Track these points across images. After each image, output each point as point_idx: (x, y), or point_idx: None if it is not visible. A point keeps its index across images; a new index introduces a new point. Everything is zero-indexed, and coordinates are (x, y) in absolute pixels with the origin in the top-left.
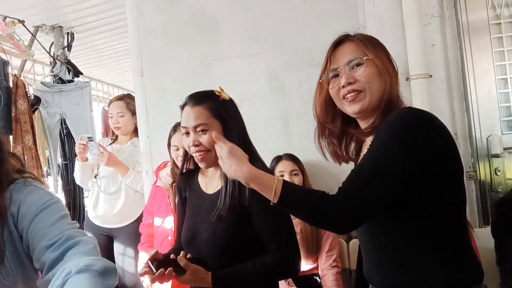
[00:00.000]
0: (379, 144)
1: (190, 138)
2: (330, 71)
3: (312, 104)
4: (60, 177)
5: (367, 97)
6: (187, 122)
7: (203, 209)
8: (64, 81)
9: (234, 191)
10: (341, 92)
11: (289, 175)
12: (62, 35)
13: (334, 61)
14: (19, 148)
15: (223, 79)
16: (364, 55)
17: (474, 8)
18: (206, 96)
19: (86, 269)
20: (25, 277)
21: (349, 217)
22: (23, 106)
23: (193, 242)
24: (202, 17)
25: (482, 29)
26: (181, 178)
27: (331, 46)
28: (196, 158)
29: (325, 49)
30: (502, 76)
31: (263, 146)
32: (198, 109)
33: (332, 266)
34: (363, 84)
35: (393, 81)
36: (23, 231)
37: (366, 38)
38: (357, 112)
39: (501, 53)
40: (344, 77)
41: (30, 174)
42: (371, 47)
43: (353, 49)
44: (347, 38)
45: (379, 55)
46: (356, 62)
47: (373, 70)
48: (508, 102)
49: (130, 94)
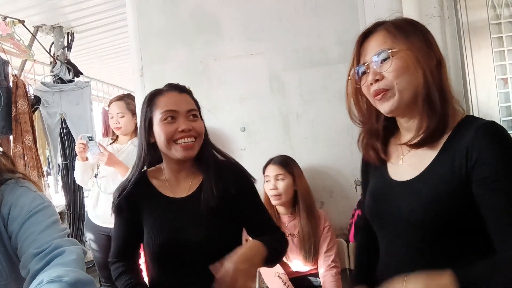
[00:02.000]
0: (506, 181)
1: (180, 123)
2: (358, 67)
3: (312, 104)
4: (60, 177)
5: (396, 95)
6: (177, 106)
7: (179, 214)
8: (64, 81)
9: (217, 184)
10: (370, 90)
11: (274, 179)
12: (62, 35)
13: (362, 55)
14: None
15: (223, 79)
16: (391, 47)
17: (474, 8)
18: (184, 87)
19: (56, 280)
20: (17, 277)
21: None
22: (23, 106)
23: (174, 249)
24: (202, 17)
25: (482, 29)
26: (127, 192)
27: (359, 38)
28: (182, 145)
29: (325, 49)
30: (502, 76)
31: (263, 146)
32: (187, 96)
33: (331, 266)
34: (391, 81)
35: (433, 73)
36: (12, 234)
37: (398, 25)
38: (388, 112)
39: (501, 53)
40: (370, 73)
41: (21, 174)
42: (403, 36)
43: (382, 40)
44: (377, 27)
45: (412, 44)
46: (383, 55)
47: (402, 64)
48: (508, 102)
49: (130, 94)
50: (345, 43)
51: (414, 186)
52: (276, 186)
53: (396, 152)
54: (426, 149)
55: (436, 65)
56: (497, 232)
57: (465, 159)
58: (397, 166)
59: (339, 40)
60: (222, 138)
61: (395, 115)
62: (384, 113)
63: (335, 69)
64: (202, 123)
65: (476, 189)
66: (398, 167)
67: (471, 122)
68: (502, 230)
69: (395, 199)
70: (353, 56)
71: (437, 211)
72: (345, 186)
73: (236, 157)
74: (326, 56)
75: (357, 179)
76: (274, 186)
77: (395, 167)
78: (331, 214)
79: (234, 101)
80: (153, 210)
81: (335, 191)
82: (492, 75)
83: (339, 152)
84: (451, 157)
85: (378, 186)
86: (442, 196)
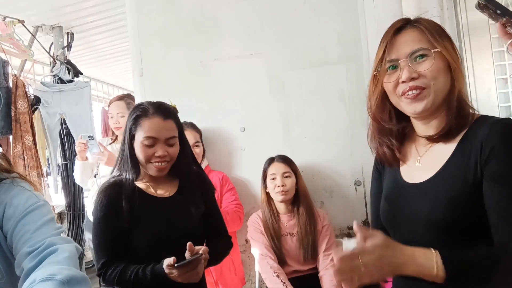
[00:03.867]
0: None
1: (158, 149)
2: (387, 61)
3: (312, 104)
4: (60, 177)
5: (431, 95)
6: (158, 133)
7: (168, 210)
8: (64, 81)
9: (201, 181)
10: (399, 88)
11: (281, 177)
12: (62, 35)
13: (393, 50)
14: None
15: (223, 79)
16: (431, 46)
17: (474, 8)
18: (171, 109)
19: (49, 278)
20: (14, 276)
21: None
22: (23, 106)
23: (165, 243)
24: (202, 17)
25: (482, 29)
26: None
27: (389, 32)
28: (156, 167)
29: (325, 49)
30: (502, 76)
31: (263, 146)
32: (170, 123)
33: (330, 265)
34: (428, 80)
35: (461, 78)
36: (7, 233)
37: (433, 25)
38: (419, 112)
39: (501, 53)
40: (405, 70)
41: (17, 174)
42: (439, 37)
43: (416, 38)
44: (410, 24)
45: (447, 46)
46: (421, 54)
47: (441, 65)
48: (508, 102)
49: (130, 94)
50: (345, 43)
51: (431, 187)
52: (284, 183)
53: (411, 154)
54: (442, 146)
55: (460, 70)
56: (497, 226)
57: (480, 154)
58: (413, 168)
59: (339, 40)
60: (222, 138)
61: (422, 116)
62: (412, 113)
63: (335, 69)
64: (177, 148)
65: (485, 183)
66: (413, 168)
67: (486, 119)
68: (503, 224)
69: (412, 200)
70: (379, 52)
71: (454, 211)
72: (345, 186)
73: (236, 157)
74: (326, 56)
75: (357, 179)
76: (283, 183)
77: (410, 169)
78: (331, 214)
79: (234, 101)
80: (144, 207)
81: (335, 191)
82: (492, 75)
83: (339, 152)
84: (467, 153)
85: (393, 190)
86: (459, 196)
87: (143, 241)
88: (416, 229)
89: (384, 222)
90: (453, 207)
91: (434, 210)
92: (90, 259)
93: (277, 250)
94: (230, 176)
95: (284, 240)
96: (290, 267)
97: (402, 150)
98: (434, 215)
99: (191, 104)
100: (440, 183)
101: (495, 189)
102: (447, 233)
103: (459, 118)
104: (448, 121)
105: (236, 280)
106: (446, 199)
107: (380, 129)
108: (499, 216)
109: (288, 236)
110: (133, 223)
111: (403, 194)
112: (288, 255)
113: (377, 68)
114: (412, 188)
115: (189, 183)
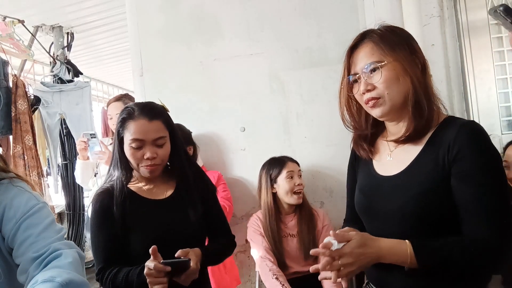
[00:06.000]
0: (484, 174)
1: (146, 151)
2: (349, 76)
3: (312, 104)
4: (60, 177)
5: (387, 103)
6: (145, 135)
7: (165, 212)
8: (64, 81)
9: (199, 180)
10: (363, 98)
11: (297, 175)
12: (62, 35)
13: (353, 65)
14: (19, 148)
15: (223, 79)
16: (380, 60)
17: (474, 8)
18: (158, 109)
19: (49, 280)
20: (12, 277)
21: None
22: (23, 106)
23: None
24: (202, 17)
25: (482, 29)
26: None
27: (347, 51)
28: (146, 169)
29: (325, 49)
30: (502, 76)
31: (263, 146)
32: (157, 123)
33: None
34: (382, 90)
35: (419, 80)
36: (7, 235)
37: (384, 36)
38: (380, 116)
39: (501, 53)
40: (362, 83)
41: (15, 174)
42: (389, 48)
43: (369, 52)
44: (364, 38)
45: (398, 55)
46: (372, 68)
47: (391, 75)
48: (508, 102)
49: (128, 94)
50: (345, 43)
51: (402, 180)
52: (301, 182)
53: (384, 149)
54: (411, 144)
55: (421, 70)
56: (466, 220)
57: (447, 153)
58: (385, 162)
59: (339, 40)
60: (222, 138)
61: (385, 119)
62: (375, 117)
63: (335, 69)
64: (167, 149)
65: (453, 181)
66: (385, 162)
67: (454, 120)
68: (471, 219)
69: (386, 193)
70: (344, 67)
71: (425, 205)
72: (345, 186)
73: (236, 157)
74: (326, 56)
75: None
76: (301, 182)
77: (382, 163)
78: (331, 214)
79: (234, 101)
80: (138, 211)
81: (335, 191)
82: (492, 75)
83: (339, 152)
84: (435, 151)
85: (367, 182)
86: (429, 189)
87: (140, 245)
88: (391, 220)
89: (360, 213)
90: (423, 201)
91: (407, 203)
92: (90, 259)
93: (277, 252)
94: (230, 176)
95: (285, 242)
96: (290, 269)
97: (375, 144)
98: (407, 208)
99: (191, 104)
100: (411, 178)
101: (462, 188)
102: (421, 224)
103: (423, 120)
104: (409, 126)
105: (229, 280)
106: (417, 193)
107: (358, 135)
108: (467, 212)
109: (289, 237)
110: (128, 228)
111: (377, 186)
112: (288, 256)
113: (343, 84)
114: (385, 181)
115: (185, 184)
